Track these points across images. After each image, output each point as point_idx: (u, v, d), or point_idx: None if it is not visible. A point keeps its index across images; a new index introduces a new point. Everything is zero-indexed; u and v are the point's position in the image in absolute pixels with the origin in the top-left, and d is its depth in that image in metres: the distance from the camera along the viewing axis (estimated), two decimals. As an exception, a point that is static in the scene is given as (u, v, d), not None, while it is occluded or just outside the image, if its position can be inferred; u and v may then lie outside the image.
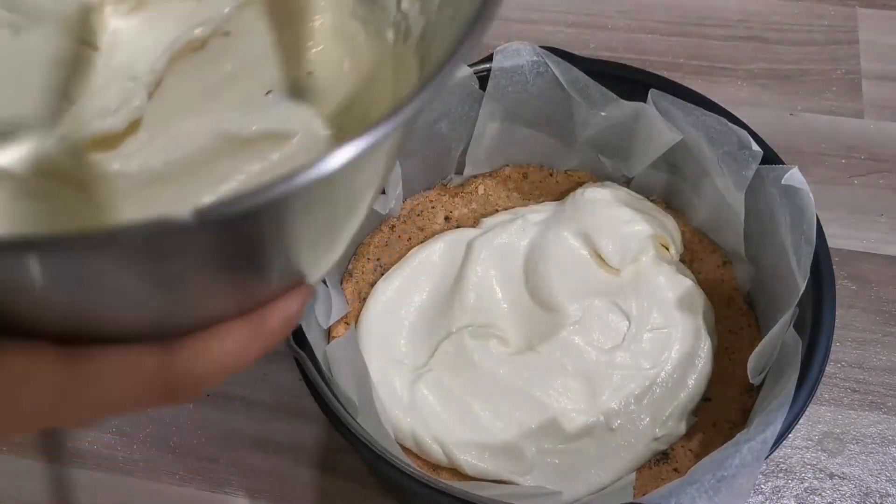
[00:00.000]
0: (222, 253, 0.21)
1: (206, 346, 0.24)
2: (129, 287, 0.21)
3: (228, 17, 0.34)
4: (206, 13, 0.33)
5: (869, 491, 0.46)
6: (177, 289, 0.23)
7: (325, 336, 0.45)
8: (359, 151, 0.19)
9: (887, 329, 0.51)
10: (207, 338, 0.24)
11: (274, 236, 0.22)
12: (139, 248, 0.19)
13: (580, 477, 0.43)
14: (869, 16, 0.64)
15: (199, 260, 0.21)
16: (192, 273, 0.22)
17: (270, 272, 0.24)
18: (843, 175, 0.57)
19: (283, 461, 0.48)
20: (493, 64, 0.47)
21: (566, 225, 0.48)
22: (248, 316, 0.25)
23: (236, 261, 0.22)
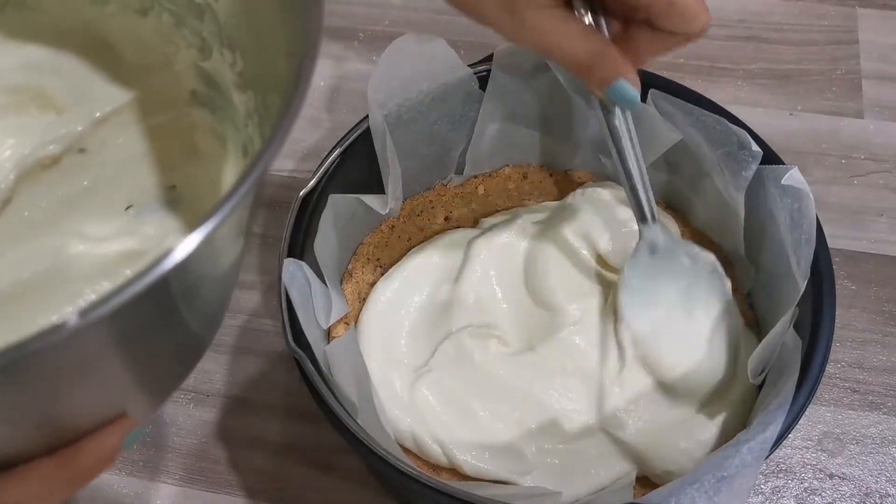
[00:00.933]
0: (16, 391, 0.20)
1: (4, 490, 0.22)
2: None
3: (84, 133, 0.33)
4: (61, 130, 0.33)
5: (869, 491, 0.46)
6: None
7: (325, 336, 0.45)
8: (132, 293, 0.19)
9: (887, 329, 0.51)
10: (7, 479, 0.22)
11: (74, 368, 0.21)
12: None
13: (580, 477, 0.43)
14: (869, 16, 0.64)
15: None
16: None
17: (77, 405, 0.23)
18: (843, 175, 0.57)
19: (283, 461, 0.48)
20: (493, 64, 0.47)
21: (566, 225, 0.48)
22: (57, 453, 0.23)
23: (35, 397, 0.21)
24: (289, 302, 0.41)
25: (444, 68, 0.47)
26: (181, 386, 0.49)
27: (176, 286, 0.22)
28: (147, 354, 0.23)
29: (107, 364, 0.22)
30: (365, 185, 0.46)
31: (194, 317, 0.25)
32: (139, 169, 0.33)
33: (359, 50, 0.63)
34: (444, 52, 0.46)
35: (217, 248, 0.23)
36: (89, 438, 0.23)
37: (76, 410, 0.23)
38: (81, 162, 0.33)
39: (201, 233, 0.20)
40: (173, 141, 0.34)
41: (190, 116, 0.34)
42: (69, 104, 0.33)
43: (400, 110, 0.46)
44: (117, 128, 0.34)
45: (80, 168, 0.33)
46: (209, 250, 0.21)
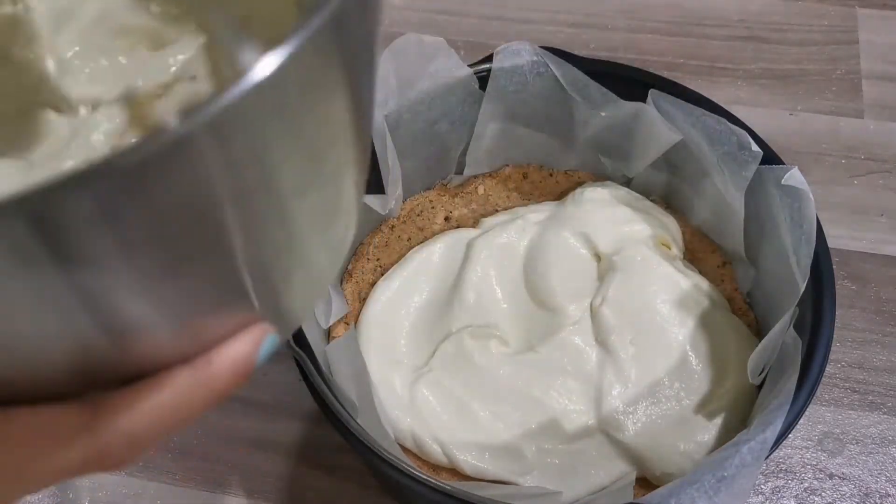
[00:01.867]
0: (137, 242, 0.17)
1: (140, 400, 0.20)
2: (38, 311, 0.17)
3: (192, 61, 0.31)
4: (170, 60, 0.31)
5: (869, 491, 0.46)
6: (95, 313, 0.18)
7: (325, 336, 0.45)
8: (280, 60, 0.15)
9: (887, 329, 0.51)
10: (139, 390, 0.21)
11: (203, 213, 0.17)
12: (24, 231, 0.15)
13: (580, 477, 0.43)
14: (869, 16, 0.64)
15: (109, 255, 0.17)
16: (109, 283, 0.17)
17: (213, 285, 0.20)
18: (843, 175, 0.57)
19: (283, 461, 0.48)
20: (493, 64, 0.47)
21: (566, 225, 0.48)
22: (192, 362, 0.21)
23: (160, 262, 0.18)
24: (289, 302, 0.41)
25: (444, 68, 0.47)
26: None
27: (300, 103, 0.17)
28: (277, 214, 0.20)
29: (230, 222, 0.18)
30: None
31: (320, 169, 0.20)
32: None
33: (359, 50, 0.63)
34: (444, 52, 0.46)
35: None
36: (223, 344, 0.21)
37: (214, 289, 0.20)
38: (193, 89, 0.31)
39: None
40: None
41: None
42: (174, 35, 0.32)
43: (400, 110, 0.46)
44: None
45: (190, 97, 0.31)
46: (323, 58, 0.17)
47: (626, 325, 0.45)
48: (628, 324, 0.45)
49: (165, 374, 0.21)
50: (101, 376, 0.20)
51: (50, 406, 0.20)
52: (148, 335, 0.20)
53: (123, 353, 0.20)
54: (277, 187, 0.19)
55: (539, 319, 0.46)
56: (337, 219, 0.23)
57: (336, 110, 0.20)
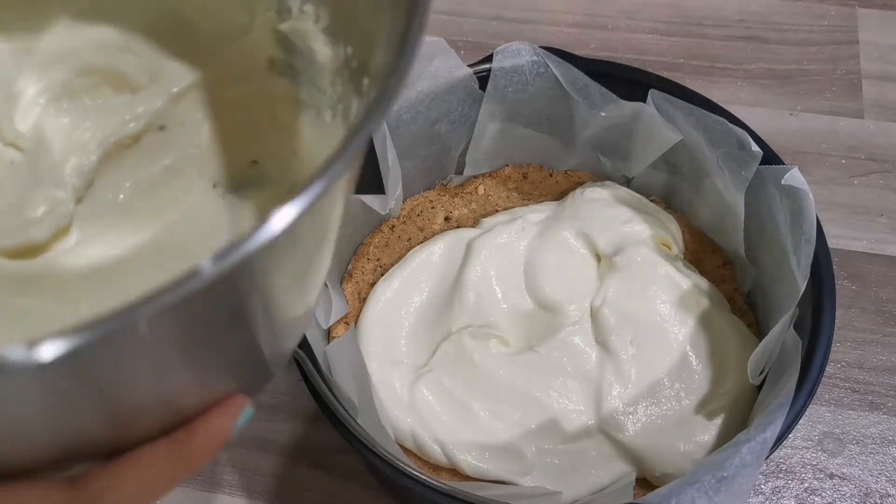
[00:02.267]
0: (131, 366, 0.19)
1: (122, 476, 0.21)
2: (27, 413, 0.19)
3: (162, 110, 0.32)
4: (139, 108, 0.32)
5: (869, 491, 0.46)
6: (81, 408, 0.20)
7: (325, 336, 0.45)
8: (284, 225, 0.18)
9: (887, 329, 0.51)
10: (123, 466, 0.21)
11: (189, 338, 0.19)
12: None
13: (580, 477, 0.43)
14: (869, 16, 0.64)
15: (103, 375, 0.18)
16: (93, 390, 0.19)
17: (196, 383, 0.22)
18: (843, 175, 0.57)
19: (283, 461, 0.48)
20: (493, 64, 0.47)
21: (566, 225, 0.48)
22: (171, 436, 0.22)
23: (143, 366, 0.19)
24: (289, 302, 0.41)
25: (444, 68, 0.47)
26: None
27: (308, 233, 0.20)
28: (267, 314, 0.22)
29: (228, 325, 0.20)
30: (365, 185, 0.46)
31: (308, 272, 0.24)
32: (220, 145, 0.33)
33: (359, 50, 0.63)
34: (444, 52, 0.46)
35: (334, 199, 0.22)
36: (202, 419, 0.22)
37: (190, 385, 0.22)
38: (162, 140, 0.32)
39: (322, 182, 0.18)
40: (253, 114, 0.33)
41: (268, 87, 0.33)
42: (144, 82, 0.33)
43: (400, 110, 0.46)
44: (194, 103, 0.33)
45: (161, 146, 0.32)
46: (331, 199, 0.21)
47: (626, 325, 0.45)
48: (628, 324, 0.45)
49: (145, 450, 0.22)
50: (84, 452, 0.21)
51: (31, 485, 0.20)
52: (138, 419, 0.21)
53: (112, 436, 0.21)
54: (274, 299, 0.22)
55: (539, 319, 0.46)
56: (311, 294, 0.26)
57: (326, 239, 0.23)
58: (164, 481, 0.22)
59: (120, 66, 0.33)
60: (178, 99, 0.32)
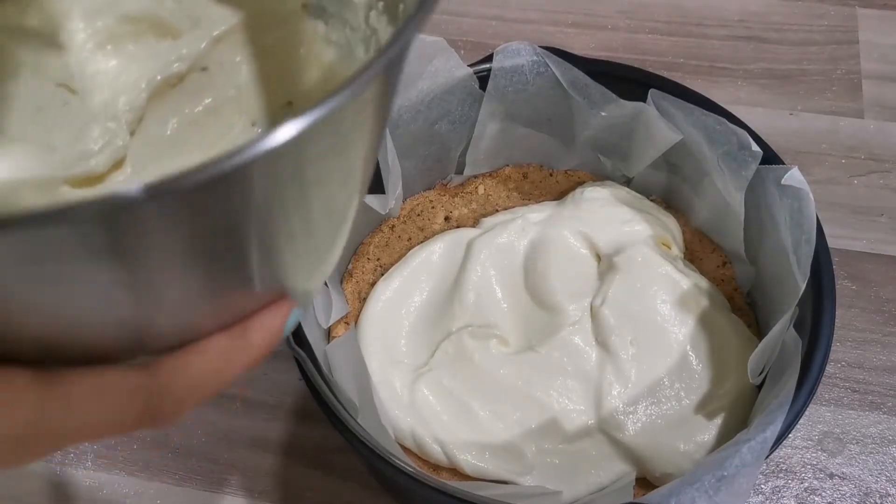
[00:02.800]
0: (187, 242, 0.20)
1: (187, 362, 0.24)
2: (99, 293, 0.20)
3: (204, 52, 0.34)
4: (183, 50, 0.33)
5: (869, 491, 0.46)
6: (148, 294, 0.21)
7: (325, 336, 0.45)
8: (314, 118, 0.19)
9: (887, 329, 0.51)
10: (187, 354, 0.24)
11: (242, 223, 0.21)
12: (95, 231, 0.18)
13: (580, 477, 0.43)
14: (869, 16, 0.64)
15: (165, 252, 0.20)
16: (162, 272, 0.21)
17: (246, 272, 0.23)
18: (843, 175, 0.57)
19: (283, 461, 0.48)
20: (493, 64, 0.47)
21: (566, 224, 0.48)
22: (229, 330, 0.24)
23: (204, 255, 0.21)
24: (289, 302, 0.41)
25: (444, 68, 0.47)
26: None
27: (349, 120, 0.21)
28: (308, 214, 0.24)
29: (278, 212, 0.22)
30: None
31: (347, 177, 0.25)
32: (258, 86, 0.34)
33: (359, 50, 0.63)
34: (444, 52, 0.46)
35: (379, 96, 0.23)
36: (255, 317, 0.25)
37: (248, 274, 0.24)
38: (204, 80, 0.34)
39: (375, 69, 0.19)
40: (288, 56, 0.34)
41: (303, 29, 0.34)
42: (185, 27, 0.34)
43: (400, 110, 0.46)
44: (234, 46, 0.34)
45: (204, 86, 0.34)
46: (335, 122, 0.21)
47: (626, 325, 0.45)
48: (628, 324, 0.45)
49: (207, 342, 0.24)
50: (152, 344, 0.23)
51: (111, 368, 0.23)
52: (193, 312, 0.23)
53: (173, 326, 0.23)
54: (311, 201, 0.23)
55: (539, 319, 0.46)
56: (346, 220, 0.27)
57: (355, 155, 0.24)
58: (226, 369, 0.24)
59: (161, 13, 0.34)
60: (218, 41, 0.34)
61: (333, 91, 0.19)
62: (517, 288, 0.47)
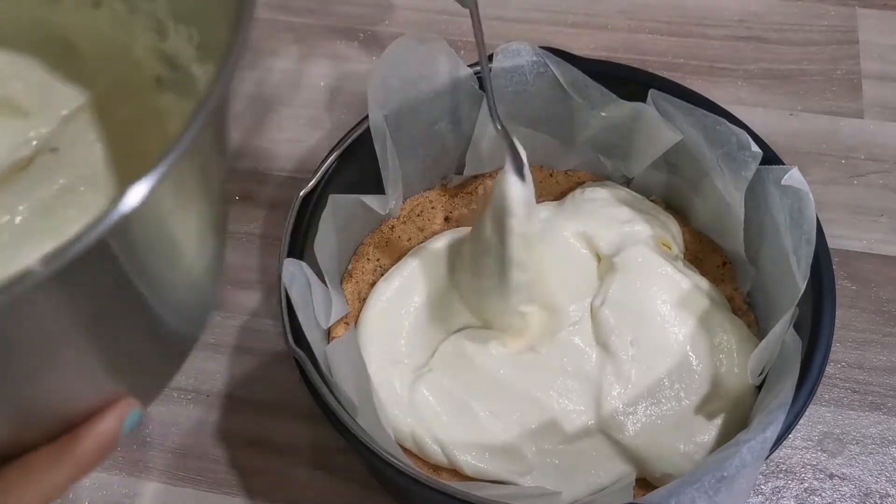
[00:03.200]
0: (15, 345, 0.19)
1: (8, 481, 0.22)
2: None
3: (53, 133, 0.32)
4: (30, 132, 0.32)
5: (869, 491, 0.46)
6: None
7: (325, 336, 0.45)
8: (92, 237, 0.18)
9: (887, 329, 0.51)
10: (9, 472, 0.22)
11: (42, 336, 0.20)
12: None
13: (580, 477, 0.43)
14: (869, 16, 0.64)
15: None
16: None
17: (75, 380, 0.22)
18: (843, 175, 0.57)
19: (283, 461, 0.48)
20: (494, 64, 0.47)
21: (566, 225, 0.48)
22: (58, 441, 0.23)
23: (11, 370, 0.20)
24: (289, 302, 0.41)
25: (444, 68, 0.47)
26: (182, 386, 0.49)
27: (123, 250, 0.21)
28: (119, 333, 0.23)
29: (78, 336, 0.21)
30: (365, 185, 0.46)
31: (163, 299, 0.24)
32: (114, 163, 0.33)
33: (359, 50, 0.63)
34: (445, 52, 0.46)
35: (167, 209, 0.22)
36: (87, 423, 0.23)
37: (61, 391, 0.22)
38: (55, 161, 0.33)
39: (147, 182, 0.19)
40: (143, 130, 0.33)
41: (157, 103, 0.34)
42: (35, 106, 0.33)
43: (400, 110, 0.46)
44: (86, 124, 0.33)
45: (55, 167, 0.33)
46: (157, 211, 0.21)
47: (626, 325, 0.45)
48: (628, 324, 0.45)
49: (33, 456, 0.22)
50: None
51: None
52: (22, 426, 0.22)
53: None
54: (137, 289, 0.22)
55: (539, 319, 0.46)
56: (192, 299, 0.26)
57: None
58: (53, 485, 0.23)
59: (7, 91, 0.33)
60: (68, 120, 0.33)
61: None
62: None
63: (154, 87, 0.34)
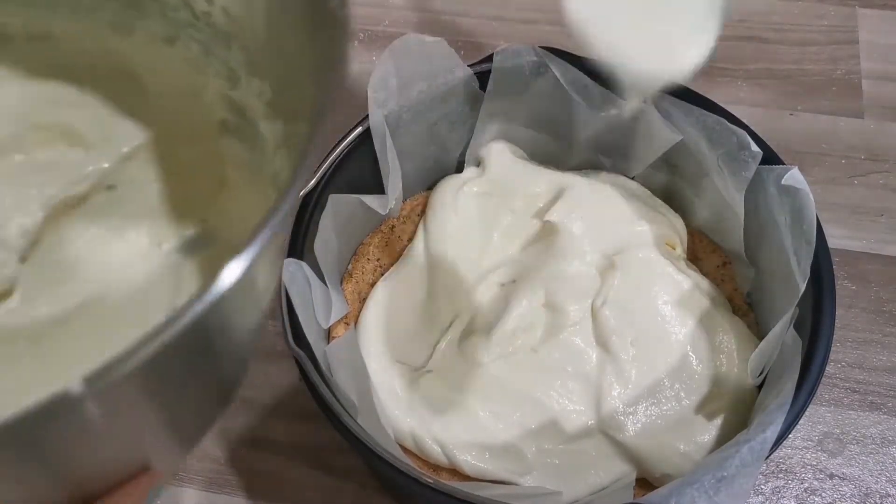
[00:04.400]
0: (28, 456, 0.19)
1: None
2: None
3: (111, 170, 0.32)
4: (88, 168, 0.32)
5: (869, 491, 0.46)
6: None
7: (325, 336, 0.45)
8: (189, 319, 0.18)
9: (887, 329, 0.51)
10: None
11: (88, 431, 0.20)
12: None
13: (580, 477, 0.43)
14: (869, 16, 0.64)
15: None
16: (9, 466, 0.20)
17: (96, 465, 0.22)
18: (843, 175, 0.57)
19: (283, 461, 0.48)
20: (494, 64, 0.47)
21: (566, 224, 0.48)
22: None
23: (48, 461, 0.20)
24: (289, 302, 0.41)
25: (444, 68, 0.47)
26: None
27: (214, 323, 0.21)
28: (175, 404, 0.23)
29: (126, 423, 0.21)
30: (365, 185, 0.46)
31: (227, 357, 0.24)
32: (169, 205, 0.33)
33: (359, 50, 0.63)
34: (444, 52, 0.46)
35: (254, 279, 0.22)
36: (111, 496, 0.23)
37: (95, 470, 0.22)
38: (111, 199, 0.32)
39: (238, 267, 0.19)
40: (203, 174, 0.33)
41: (219, 148, 0.33)
42: (96, 139, 0.33)
43: (400, 110, 0.46)
44: (145, 163, 0.33)
45: (110, 206, 0.32)
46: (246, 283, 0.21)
47: (626, 325, 0.45)
48: (629, 325, 0.45)
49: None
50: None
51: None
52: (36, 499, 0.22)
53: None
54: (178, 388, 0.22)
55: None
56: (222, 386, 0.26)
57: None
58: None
59: (73, 122, 0.33)
60: (128, 158, 0.32)
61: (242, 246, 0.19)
62: (517, 288, 0.47)
63: (218, 131, 0.33)
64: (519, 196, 0.49)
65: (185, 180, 0.33)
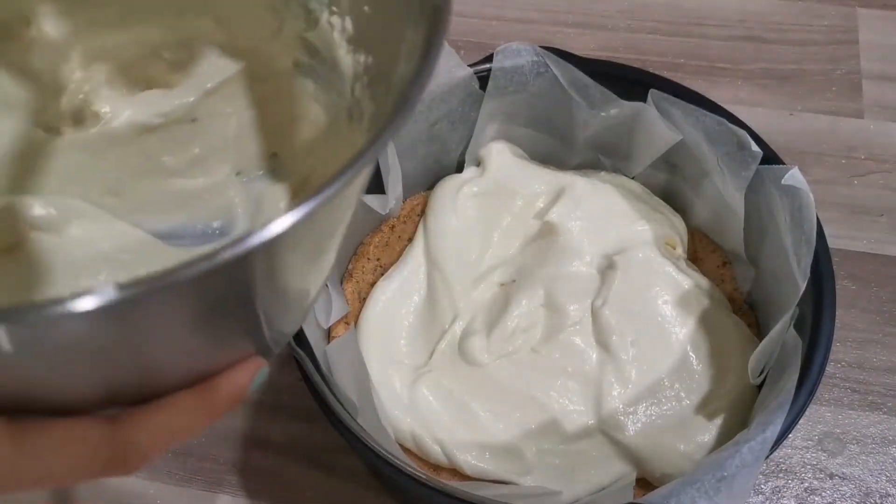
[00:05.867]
0: (178, 322, 0.21)
1: (153, 418, 0.25)
2: (86, 363, 0.21)
3: (195, 104, 0.35)
4: (175, 101, 0.34)
5: (869, 491, 0.46)
6: (129, 363, 0.23)
7: (325, 336, 0.45)
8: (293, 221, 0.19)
9: (887, 329, 0.51)
10: (154, 410, 0.25)
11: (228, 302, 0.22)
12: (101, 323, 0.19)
13: (580, 477, 0.42)
14: (869, 16, 0.64)
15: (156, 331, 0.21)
16: (148, 347, 0.22)
17: (217, 344, 0.24)
18: (843, 175, 0.57)
19: (283, 461, 0.48)
20: (494, 64, 0.47)
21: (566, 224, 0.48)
22: (196, 387, 0.25)
23: (178, 333, 0.22)
24: (289, 302, 0.41)
25: (444, 68, 0.47)
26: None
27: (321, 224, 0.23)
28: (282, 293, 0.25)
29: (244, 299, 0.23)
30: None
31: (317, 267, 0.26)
32: (245, 138, 0.35)
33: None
34: (444, 52, 0.46)
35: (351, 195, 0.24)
36: (223, 374, 0.26)
37: (219, 345, 0.25)
38: (193, 130, 0.35)
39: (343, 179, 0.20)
40: (276, 110, 0.35)
41: (292, 86, 0.35)
42: (183, 76, 0.35)
43: (400, 110, 0.46)
44: (225, 98, 0.35)
45: (191, 136, 0.35)
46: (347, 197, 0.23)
47: (626, 325, 0.45)
48: (629, 325, 0.45)
49: (174, 399, 0.25)
50: (122, 399, 0.24)
51: (78, 421, 0.24)
52: (167, 375, 0.24)
53: (145, 385, 0.24)
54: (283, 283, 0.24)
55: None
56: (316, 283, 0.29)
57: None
58: (187, 426, 0.25)
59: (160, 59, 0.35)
60: (211, 93, 0.35)
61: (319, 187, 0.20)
62: (517, 288, 0.47)
63: (291, 71, 0.35)
64: (519, 196, 0.49)
65: (260, 115, 0.35)
